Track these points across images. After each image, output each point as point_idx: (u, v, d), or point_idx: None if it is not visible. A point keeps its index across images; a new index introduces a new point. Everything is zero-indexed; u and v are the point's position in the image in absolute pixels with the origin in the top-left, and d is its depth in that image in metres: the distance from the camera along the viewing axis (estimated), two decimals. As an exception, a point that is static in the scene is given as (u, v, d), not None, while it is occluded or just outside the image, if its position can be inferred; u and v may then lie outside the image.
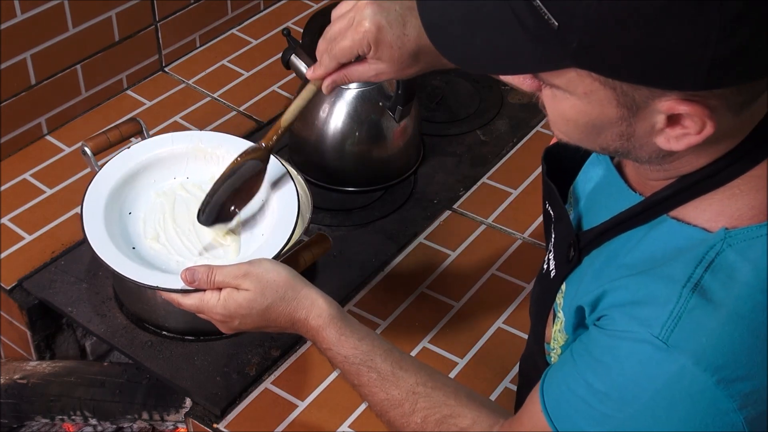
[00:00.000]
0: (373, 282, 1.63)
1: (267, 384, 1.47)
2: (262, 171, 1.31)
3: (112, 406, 1.55)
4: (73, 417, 1.56)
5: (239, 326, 1.16)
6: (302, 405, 1.44)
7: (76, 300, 1.58)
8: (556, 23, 0.76)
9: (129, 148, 1.39)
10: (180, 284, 1.17)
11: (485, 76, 2.04)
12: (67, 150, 1.85)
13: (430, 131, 1.90)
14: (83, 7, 1.82)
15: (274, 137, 1.28)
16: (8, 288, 1.61)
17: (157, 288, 1.20)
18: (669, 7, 0.72)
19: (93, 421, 1.57)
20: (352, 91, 1.68)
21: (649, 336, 0.83)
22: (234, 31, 2.17)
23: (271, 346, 1.51)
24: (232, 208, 1.31)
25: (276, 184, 1.36)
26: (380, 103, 1.69)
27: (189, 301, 1.17)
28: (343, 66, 1.18)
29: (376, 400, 1.10)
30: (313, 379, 1.48)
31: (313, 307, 1.13)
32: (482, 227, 1.73)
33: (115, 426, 1.59)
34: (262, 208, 1.37)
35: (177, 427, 1.56)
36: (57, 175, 1.80)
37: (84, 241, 1.62)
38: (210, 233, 1.34)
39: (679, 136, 0.81)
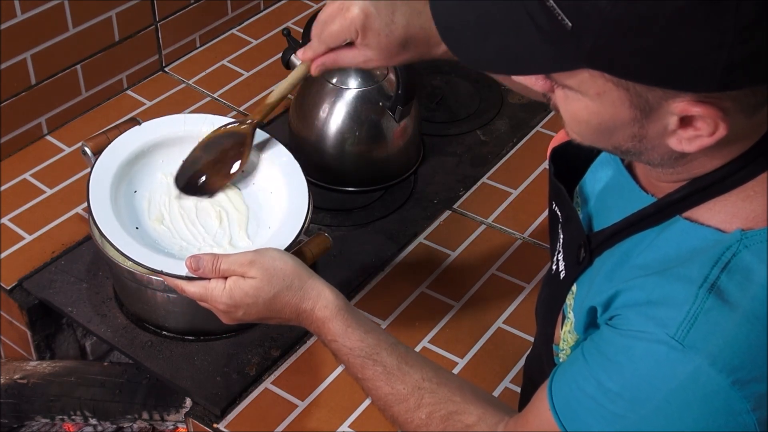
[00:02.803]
0: (373, 282, 1.62)
1: (267, 384, 1.47)
2: (245, 145, 1.31)
3: (112, 406, 1.55)
4: (73, 417, 1.56)
5: (242, 317, 1.15)
6: (302, 405, 1.44)
7: (76, 300, 1.58)
8: (570, 24, 0.76)
9: (140, 124, 1.38)
10: (184, 271, 1.16)
11: (485, 75, 2.04)
12: (67, 150, 1.85)
13: (430, 131, 1.90)
14: (83, 7, 1.81)
15: (261, 113, 1.31)
16: (8, 288, 1.61)
17: (162, 272, 1.19)
18: (684, 10, 0.72)
19: (93, 421, 1.57)
20: (352, 91, 1.68)
21: (665, 336, 0.83)
22: (234, 31, 2.17)
23: (271, 346, 1.51)
24: (204, 178, 1.33)
25: (286, 177, 1.36)
26: (380, 103, 1.69)
27: (193, 289, 1.16)
28: (332, 50, 1.20)
29: (381, 395, 1.09)
30: (313, 379, 1.48)
31: (319, 298, 1.12)
32: (482, 227, 1.73)
33: (115, 426, 1.59)
34: (270, 200, 1.36)
35: (177, 427, 1.56)
36: (57, 175, 1.80)
37: (84, 241, 1.62)
38: (215, 221, 1.34)
39: (692, 138, 0.81)
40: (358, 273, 1.63)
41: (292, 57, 1.67)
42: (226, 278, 1.13)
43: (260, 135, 1.39)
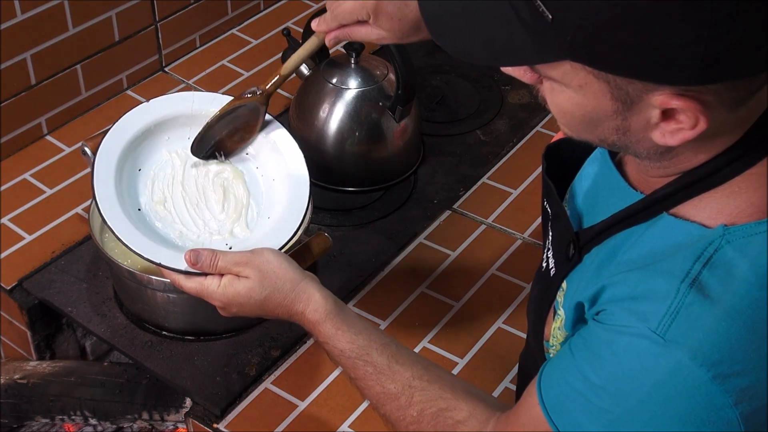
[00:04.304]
0: (373, 282, 1.63)
1: (267, 384, 1.47)
2: (259, 114, 1.31)
3: (112, 406, 1.55)
4: (73, 417, 1.56)
5: (237, 313, 1.18)
6: (302, 405, 1.44)
7: (76, 300, 1.58)
8: (550, 16, 0.77)
9: (148, 102, 1.39)
10: (183, 265, 1.18)
11: (485, 75, 2.04)
12: (67, 150, 1.85)
13: (430, 131, 1.90)
14: (83, 7, 1.82)
15: (274, 84, 1.32)
16: (8, 288, 1.61)
17: (161, 265, 1.20)
18: (661, 4, 0.73)
19: (93, 421, 1.57)
20: (352, 91, 1.68)
21: (647, 331, 0.84)
22: (234, 31, 2.17)
23: (271, 346, 1.51)
24: (219, 145, 1.33)
25: (289, 169, 1.35)
26: (380, 103, 1.69)
27: (190, 284, 1.19)
28: (346, 25, 1.22)
29: (372, 394, 1.10)
30: (313, 379, 1.48)
31: (310, 301, 1.14)
32: (482, 227, 1.73)
33: (115, 426, 1.59)
34: (272, 187, 1.36)
35: (177, 427, 1.56)
36: (57, 175, 1.80)
37: (84, 241, 1.61)
38: (216, 205, 1.33)
39: (674, 131, 0.82)
40: (358, 273, 1.63)
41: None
42: (222, 275, 1.16)
43: (267, 119, 1.38)
